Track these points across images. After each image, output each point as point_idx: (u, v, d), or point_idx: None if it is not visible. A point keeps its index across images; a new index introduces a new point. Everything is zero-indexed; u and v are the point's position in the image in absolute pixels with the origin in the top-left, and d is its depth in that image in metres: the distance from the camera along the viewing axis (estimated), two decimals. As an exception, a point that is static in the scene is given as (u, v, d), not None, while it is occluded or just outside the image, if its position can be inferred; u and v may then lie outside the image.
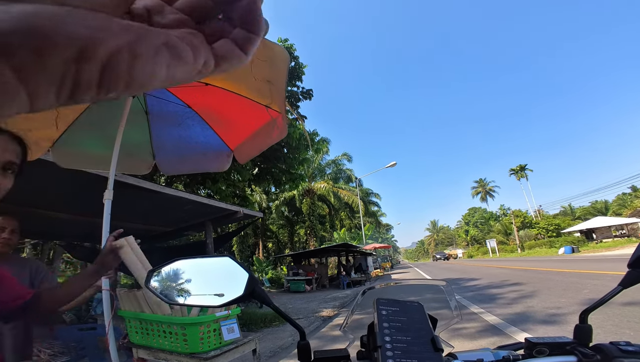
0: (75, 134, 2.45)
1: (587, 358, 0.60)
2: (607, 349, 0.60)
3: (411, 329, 0.58)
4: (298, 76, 11.25)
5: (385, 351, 0.52)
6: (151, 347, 2.23)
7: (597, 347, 0.61)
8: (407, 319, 0.60)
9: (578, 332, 0.65)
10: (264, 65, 1.97)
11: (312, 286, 15.41)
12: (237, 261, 0.65)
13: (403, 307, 0.63)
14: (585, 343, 0.64)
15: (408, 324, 0.59)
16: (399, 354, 0.52)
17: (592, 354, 0.60)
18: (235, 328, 2.34)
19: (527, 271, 13.90)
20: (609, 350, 0.59)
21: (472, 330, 4.71)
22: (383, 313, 0.60)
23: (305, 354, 0.61)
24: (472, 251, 65.87)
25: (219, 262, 0.67)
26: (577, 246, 34.29)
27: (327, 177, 31.30)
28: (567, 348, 0.63)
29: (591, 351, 0.61)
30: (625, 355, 0.58)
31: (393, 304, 0.63)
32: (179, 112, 2.63)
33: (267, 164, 10.22)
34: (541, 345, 0.64)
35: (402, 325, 0.58)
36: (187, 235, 9.67)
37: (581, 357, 0.60)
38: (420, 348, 0.54)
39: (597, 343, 0.63)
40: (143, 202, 5.49)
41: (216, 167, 2.93)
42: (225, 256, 0.67)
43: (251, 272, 0.64)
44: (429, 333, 0.57)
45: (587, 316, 0.65)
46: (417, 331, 0.57)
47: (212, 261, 0.69)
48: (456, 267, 26.11)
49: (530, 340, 0.65)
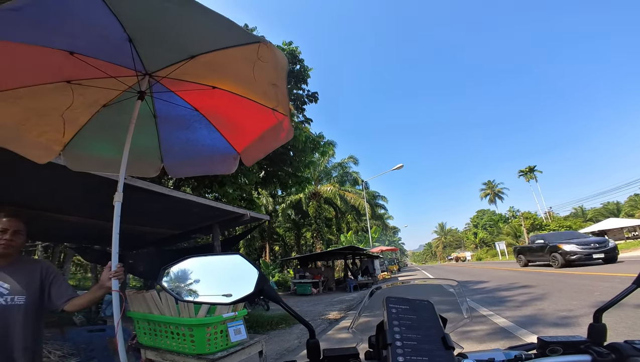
0: (86, 137, 2.49)
1: (602, 357, 0.58)
2: (622, 348, 0.58)
3: (421, 327, 0.57)
4: (303, 79, 11.27)
5: (395, 349, 0.52)
6: (159, 349, 2.25)
7: (612, 346, 0.60)
8: (417, 318, 0.59)
9: (592, 331, 0.64)
10: (270, 68, 1.99)
11: (318, 288, 15.37)
12: (247, 258, 0.66)
13: (413, 305, 0.62)
14: (599, 342, 0.62)
15: (418, 322, 0.58)
16: (409, 351, 0.51)
17: (607, 353, 0.59)
18: (242, 330, 2.34)
19: (536, 273, 13.67)
20: (623, 349, 0.58)
21: (482, 333, 4.65)
22: (393, 311, 0.59)
23: (314, 353, 0.61)
24: (481, 254, 65.05)
25: (229, 259, 0.68)
26: (589, 248, 33.60)
27: (334, 180, 31.26)
28: (581, 347, 0.62)
29: (606, 350, 0.60)
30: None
31: (403, 302, 0.62)
32: (186, 115, 2.65)
33: (274, 167, 10.24)
34: (554, 344, 0.62)
35: (412, 323, 0.57)
36: (195, 238, 9.75)
37: (596, 356, 0.59)
38: (431, 346, 0.53)
39: (612, 342, 0.61)
40: (152, 206, 5.55)
41: (223, 170, 2.95)
42: (236, 254, 0.67)
43: (261, 270, 0.64)
44: (439, 331, 0.57)
45: (601, 314, 0.64)
46: (427, 329, 0.57)
47: (223, 259, 0.69)
48: (464, 269, 25.81)
49: (543, 339, 0.64)
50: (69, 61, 1.88)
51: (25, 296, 1.81)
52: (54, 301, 1.90)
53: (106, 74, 2.08)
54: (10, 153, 2.20)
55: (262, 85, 2.16)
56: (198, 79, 2.29)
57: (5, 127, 2.12)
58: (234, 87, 2.35)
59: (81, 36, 1.76)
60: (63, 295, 1.91)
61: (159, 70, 2.17)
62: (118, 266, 1.84)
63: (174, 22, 1.78)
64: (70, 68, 1.97)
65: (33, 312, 1.84)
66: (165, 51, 2.04)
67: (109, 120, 2.47)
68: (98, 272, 18.20)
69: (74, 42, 1.80)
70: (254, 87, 2.29)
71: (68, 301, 1.90)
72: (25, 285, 1.83)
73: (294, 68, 10.87)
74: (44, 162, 2.41)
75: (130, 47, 1.89)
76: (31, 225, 2.00)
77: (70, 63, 1.90)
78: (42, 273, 1.91)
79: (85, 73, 2.04)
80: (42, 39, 1.70)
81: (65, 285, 1.97)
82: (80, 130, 2.43)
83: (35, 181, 4.10)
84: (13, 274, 1.81)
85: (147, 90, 2.25)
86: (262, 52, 1.83)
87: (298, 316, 0.65)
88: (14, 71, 1.85)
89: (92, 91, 2.20)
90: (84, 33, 1.74)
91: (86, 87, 2.15)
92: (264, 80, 2.11)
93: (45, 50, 1.77)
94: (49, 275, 1.93)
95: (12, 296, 1.76)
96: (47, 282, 1.91)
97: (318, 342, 0.62)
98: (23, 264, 1.90)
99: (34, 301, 1.85)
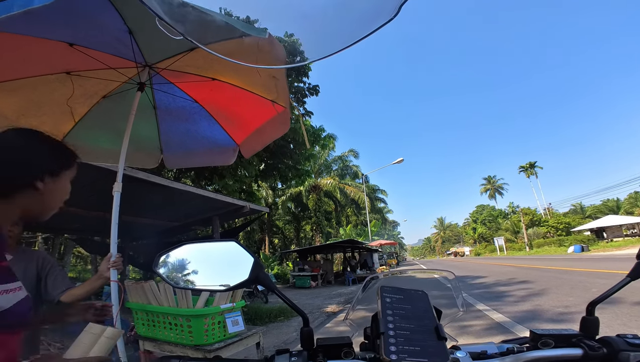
0: (86, 128, 2.48)
1: (593, 351, 0.58)
2: (613, 342, 0.58)
3: (415, 317, 0.57)
4: (304, 72, 11.19)
5: (388, 338, 0.52)
6: (157, 339, 2.27)
7: (604, 340, 0.60)
8: (411, 308, 0.60)
9: (584, 324, 0.63)
10: (269, 61, 1.97)
11: (317, 282, 15.46)
12: (242, 245, 0.66)
13: (407, 295, 0.63)
14: (591, 336, 0.62)
15: (412, 312, 0.58)
16: (402, 341, 0.52)
17: (599, 347, 0.59)
18: (240, 321, 2.36)
19: (535, 270, 13.75)
20: (615, 343, 0.58)
21: (478, 328, 4.69)
22: (387, 301, 0.60)
23: (308, 341, 0.61)
24: (480, 249, 65.27)
25: (225, 246, 0.68)
26: (587, 244, 33.74)
27: (334, 173, 31.28)
28: (572, 340, 0.62)
29: (597, 344, 0.59)
30: (633, 348, 0.56)
31: (397, 292, 0.62)
32: (186, 107, 2.65)
33: (274, 160, 10.22)
34: (546, 337, 0.62)
35: (405, 313, 0.58)
36: (195, 229, 9.76)
37: (587, 349, 0.59)
38: (424, 336, 0.54)
39: (604, 336, 0.61)
40: (152, 197, 5.55)
41: (222, 161, 2.96)
42: (232, 241, 0.67)
43: (256, 257, 0.65)
44: (432, 322, 0.57)
45: (594, 307, 0.64)
46: (421, 320, 0.57)
47: (219, 246, 0.70)
48: (463, 265, 25.93)
49: (535, 332, 0.64)
50: (68, 53, 1.87)
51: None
52: (50, 292, 1.85)
53: (106, 65, 2.07)
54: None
55: (262, 77, 2.16)
56: (198, 71, 2.28)
57: (5, 117, 2.12)
58: (234, 80, 2.35)
59: (81, 28, 1.75)
60: (59, 286, 1.86)
61: (159, 62, 2.16)
62: (117, 256, 1.84)
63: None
64: (70, 59, 1.96)
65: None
66: (166, 43, 2.02)
67: (108, 111, 2.46)
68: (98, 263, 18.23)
69: (74, 34, 1.79)
70: (253, 79, 2.28)
71: (64, 292, 1.85)
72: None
73: (294, 60, 10.79)
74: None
75: (131, 39, 1.88)
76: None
77: (70, 54, 1.89)
78: (39, 264, 1.87)
79: (85, 64, 2.03)
80: (42, 31, 1.69)
81: (61, 276, 1.92)
82: (79, 120, 2.42)
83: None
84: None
85: (147, 82, 2.24)
86: (262, 45, 1.82)
87: (293, 304, 0.65)
88: (13, 62, 1.84)
89: (91, 82, 2.19)
90: (85, 25, 1.73)
91: (86, 78, 2.14)
92: (264, 72, 2.10)
93: (45, 42, 1.76)
94: (45, 266, 1.88)
95: None
96: (44, 273, 1.87)
97: (312, 330, 0.62)
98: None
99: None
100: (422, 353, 0.51)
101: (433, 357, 0.50)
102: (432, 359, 0.50)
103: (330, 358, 0.59)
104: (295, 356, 0.58)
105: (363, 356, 0.60)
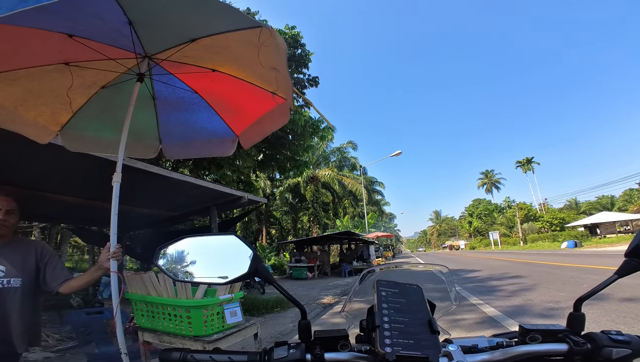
0: (84, 118, 2.47)
1: (578, 346, 0.60)
2: (598, 338, 0.61)
3: (409, 310, 0.60)
4: (305, 63, 11.10)
5: (383, 331, 0.54)
6: (156, 331, 2.29)
7: (589, 336, 0.62)
8: (406, 301, 0.62)
9: (571, 320, 0.66)
10: (271, 53, 1.97)
11: (314, 273, 15.58)
12: (242, 239, 0.68)
13: (402, 289, 0.65)
14: (577, 331, 0.65)
15: (407, 305, 0.61)
16: (396, 334, 0.54)
17: (583, 343, 0.61)
18: (238, 312, 2.39)
19: (528, 264, 13.92)
20: (599, 339, 0.60)
21: (470, 321, 4.77)
22: (382, 294, 0.62)
23: (306, 333, 0.63)
24: (475, 243, 65.81)
25: (224, 240, 0.69)
26: (581, 240, 34.11)
27: (332, 164, 31.24)
28: (559, 336, 0.64)
29: (582, 339, 0.62)
30: (616, 344, 0.59)
31: (393, 285, 0.65)
32: (185, 98, 2.64)
33: (272, 151, 10.20)
34: (534, 332, 0.65)
35: (400, 306, 0.60)
36: (193, 220, 9.77)
37: (572, 345, 0.61)
38: (418, 329, 0.56)
39: (589, 332, 0.64)
40: (150, 187, 5.54)
41: (221, 152, 2.96)
42: (231, 234, 0.69)
43: (255, 251, 0.66)
44: (426, 315, 0.59)
45: (581, 304, 0.66)
46: (415, 313, 0.59)
47: (218, 239, 0.71)
48: (457, 258, 26.17)
49: (524, 326, 0.66)
50: (67, 43, 1.86)
51: (21, 279, 1.74)
52: (49, 283, 1.83)
53: (105, 56, 2.05)
54: (7, 134, 2.19)
55: (262, 69, 2.15)
56: (198, 61, 2.27)
57: (3, 108, 2.11)
58: (234, 71, 2.34)
59: (81, 19, 1.73)
60: (58, 277, 1.85)
61: (158, 53, 2.15)
62: (117, 247, 1.83)
63: (174, 5, 1.75)
64: (68, 50, 1.95)
65: (30, 294, 1.78)
66: (166, 34, 2.01)
67: (107, 101, 2.45)
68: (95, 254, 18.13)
69: (73, 25, 1.77)
70: (254, 70, 2.27)
71: (63, 283, 1.84)
72: (21, 267, 1.77)
73: (295, 52, 10.69)
74: (45, 142, 2.40)
75: (130, 30, 1.86)
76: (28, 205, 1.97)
77: (69, 45, 1.87)
78: (37, 254, 1.85)
79: (84, 55, 2.01)
80: (40, 22, 1.68)
81: (60, 266, 1.91)
82: (78, 111, 2.41)
83: (33, 161, 4.08)
84: (8, 256, 1.74)
85: (146, 73, 2.23)
86: (263, 36, 1.82)
87: (291, 297, 0.67)
88: (12, 53, 1.83)
89: (90, 73, 2.18)
90: (84, 16, 1.72)
91: (85, 68, 2.13)
92: (265, 64, 2.09)
93: (44, 33, 1.74)
94: (44, 256, 1.86)
95: (8, 278, 1.69)
96: (42, 263, 1.85)
97: (309, 323, 0.65)
98: (18, 244, 1.83)
99: (30, 283, 1.78)
100: (416, 346, 0.53)
101: (426, 350, 0.52)
102: (425, 351, 0.52)
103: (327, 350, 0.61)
104: (294, 348, 0.61)
105: (359, 348, 0.63)
